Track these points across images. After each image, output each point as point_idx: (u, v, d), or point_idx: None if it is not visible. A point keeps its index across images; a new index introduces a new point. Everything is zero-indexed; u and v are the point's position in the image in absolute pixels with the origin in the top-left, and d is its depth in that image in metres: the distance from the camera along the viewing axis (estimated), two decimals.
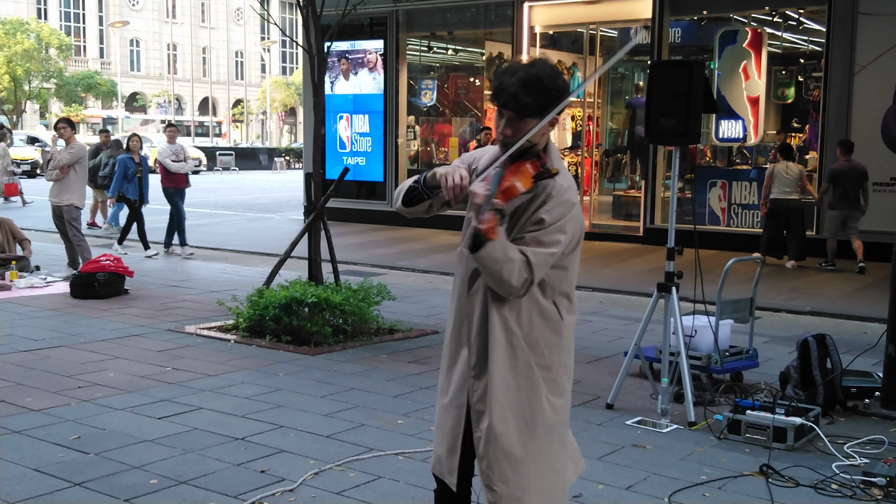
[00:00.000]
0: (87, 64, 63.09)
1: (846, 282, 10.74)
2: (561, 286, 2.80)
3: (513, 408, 2.76)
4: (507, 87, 2.69)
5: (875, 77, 12.24)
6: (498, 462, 2.74)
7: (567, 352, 2.87)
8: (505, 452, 2.74)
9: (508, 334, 2.74)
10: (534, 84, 2.67)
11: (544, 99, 2.67)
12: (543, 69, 2.70)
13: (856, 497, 4.23)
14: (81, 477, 4.35)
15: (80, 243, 10.32)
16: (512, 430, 2.75)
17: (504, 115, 2.73)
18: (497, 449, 2.74)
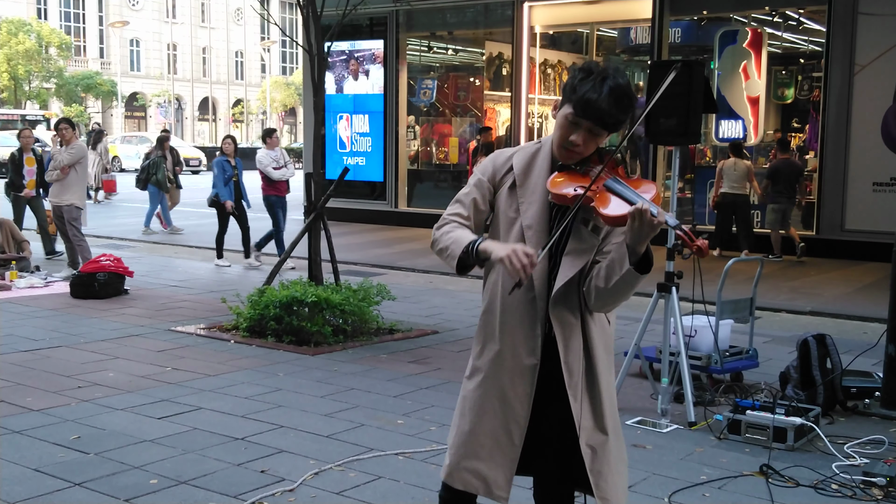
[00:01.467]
0: (87, 64, 63.08)
1: (846, 282, 10.74)
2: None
3: (616, 419, 2.75)
4: (597, 100, 2.47)
5: (875, 77, 12.23)
6: (612, 473, 2.67)
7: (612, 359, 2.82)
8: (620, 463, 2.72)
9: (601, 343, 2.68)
10: (623, 98, 2.50)
11: (628, 114, 2.55)
12: (626, 81, 2.53)
13: (856, 497, 4.23)
14: (81, 477, 4.35)
15: (80, 243, 10.32)
16: (620, 440, 2.75)
17: (583, 125, 2.52)
18: (612, 459, 2.68)
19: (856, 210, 12.52)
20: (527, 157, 2.68)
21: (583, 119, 2.51)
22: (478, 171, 2.75)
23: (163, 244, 14.19)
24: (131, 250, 13.01)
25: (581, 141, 2.54)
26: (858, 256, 12.08)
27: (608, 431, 2.67)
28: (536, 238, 2.59)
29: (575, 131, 2.54)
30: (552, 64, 17.72)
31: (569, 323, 2.61)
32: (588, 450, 2.64)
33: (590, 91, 2.49)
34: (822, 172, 12.89)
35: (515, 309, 2.65)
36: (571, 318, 2.62)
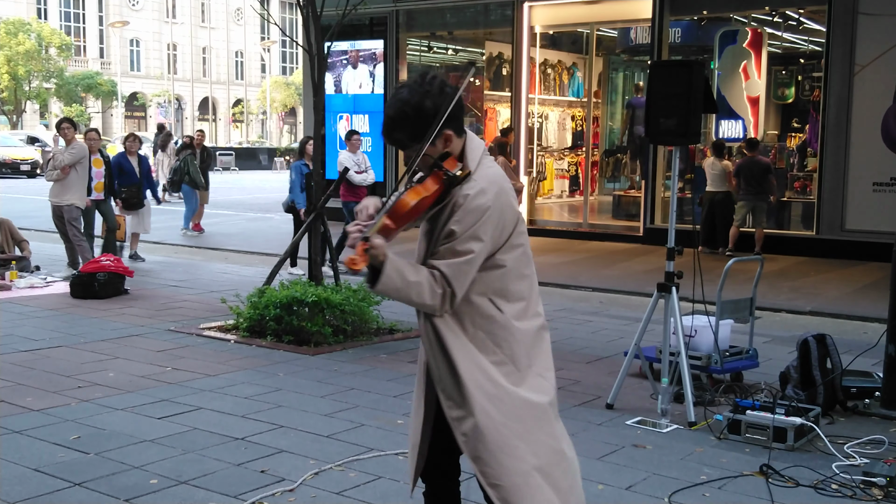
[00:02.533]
0: (88, 64, 63.09)
1: (846, 282, 10.74)
2: (497, 284, 2.76)
3: (491, 400, 2.72)
4: (383, 121, 2.76)
5: (875, 77, 12.23)
6: (492, 456, 2.71)
7: (522, 343, 2.79)
8: (497, 445, 2.71)
9: (456, 338, 2.74)
10: (404, 118, 2.69)
11: (413, 129, 2.69)
12: (410, 96, 2.69)
13: (856, 497, 4.23)
14: (81, 477, 4.35)
15: (81, 243, 10.33)
16: (496, 422, 2.72)
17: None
18: (487, 443, 2.71)
19: (856, 210, 12.52)
20: None
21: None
22: None
23: (163, 244, 14.19)
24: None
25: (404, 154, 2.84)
26: (858, 256, 12.09)
27: (476, 414, 2.70)
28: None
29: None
30: (552, 64, 17.71)
31: (422, 325, 2.81)
32: (462, 437, 2.74)
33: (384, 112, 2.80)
34: (822, 172, 12.89)
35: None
36: (422, 321, 2.80)
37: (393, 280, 2.64)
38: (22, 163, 32.06)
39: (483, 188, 2.69)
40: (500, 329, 2.76)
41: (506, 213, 2.73)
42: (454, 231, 2.66)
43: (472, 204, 2.66)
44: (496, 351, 2.76)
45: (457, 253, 2.66)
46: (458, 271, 2.66)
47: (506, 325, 2.77)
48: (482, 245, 2.67)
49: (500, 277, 2.76)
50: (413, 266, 2.70)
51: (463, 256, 2.66)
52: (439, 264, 2.67)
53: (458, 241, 2.66)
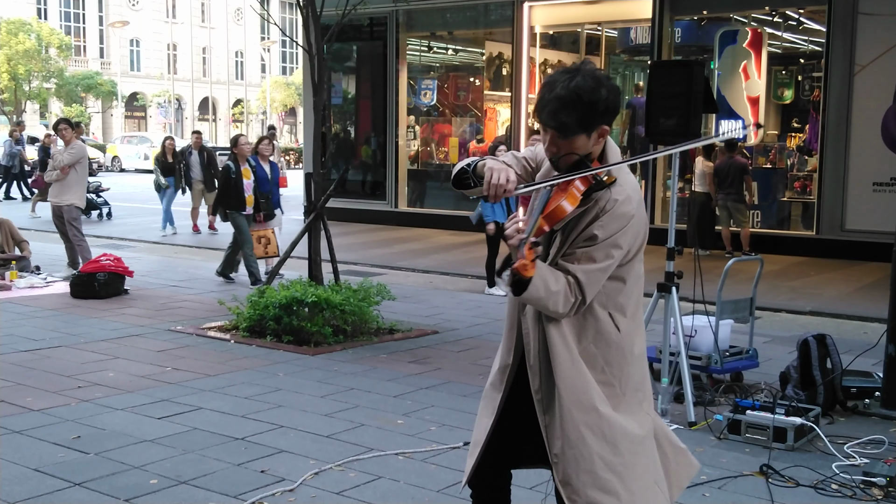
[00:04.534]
0: (88, 64, 63.06)
1: (846, 282, 10.74)
2: (617, 297, 2.65)
3: (590, 425, 2.60)
4: (546, 105, 2.55)
5: (875, 77, 12.23)
6: (583, 484, 2.58)
7: (632, 365, 2.69)
8: (590, 473, 2.58)
9: (568, 350, 2.61)
10: (573, 100, 2.51)
11: (585, 115, 2.53)
12: (584, 81, 2.53)
13: (856, 497, 4.23)
14: (81, 477, 4.35)
15: (80, 243, 10.32)
16: (592, 448, 2.59)
17: (548, 131, 2.59)
18: (580, 470, 2.58)
19: (856, 210, 12.53)
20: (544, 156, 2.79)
21: (539, 122, 2.62)
22: (525, 151, 2.88)
23: (163, 244, 14.19)
24: (131, 250, 13.01)
25: (554, 148, 2.62)
26: (858, 256, 12.09)
27: (574, 440, 2.58)
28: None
29: (544, 136, 2.64)
30: (552, 64, 17.69)
31: (532, 325, 2.68)
32: (553, 457, 2.63)
33: (543, 95, 2.59)
34: (822, 172, 12.89)
35: (509, 310, 2.81)
36: (534, 321, 2.68)
37: (538, 290, 2.49)
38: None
39: (629, 195, 2.59)
40: (614, 348, 2.65)
41: (641, 225, 2.64)
42: (596, 236, 2.55)
43: (619, 210, 2.55)
44: (605, 370, 2.64)
45: (594, 259, 2.55)
46: (593, 279, 2.55)
47: (620, 344, 2.66)
48: (620, 253, 2.58)
49: (620, 292, 2.66)
50: (553, 273, 2.55)
51: (600, 263, 2.55)
52: (575, 270, 2.54)
53: (598, 246, 2.54)
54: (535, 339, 2.65)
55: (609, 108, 2.57)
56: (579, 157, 2.58)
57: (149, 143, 38.58)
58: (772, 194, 14.06)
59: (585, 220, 2.58)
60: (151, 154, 33.54)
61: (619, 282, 2.65)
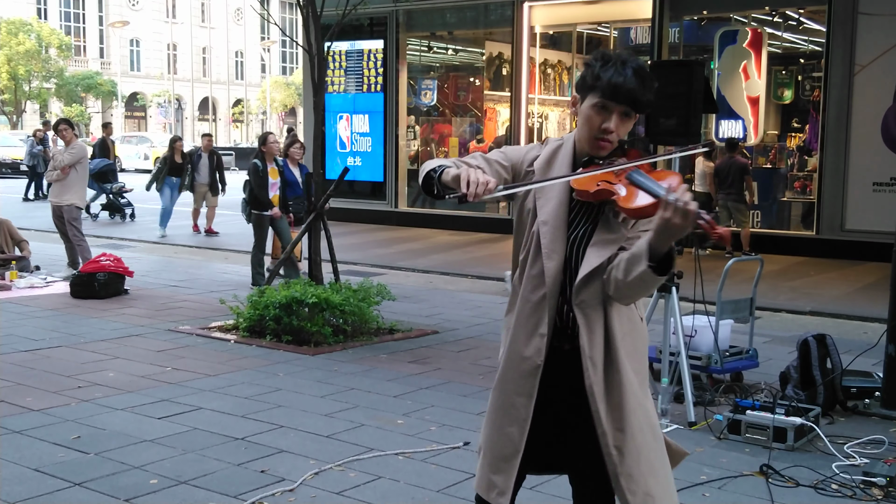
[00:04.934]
0: (88, 64, 63.08)
1: (846, 282, 10.75)
2: None
3: (646, 415, 2.58)
4: (624, 81, 2.46)
5: (875, 77, 12.23)
6: (643, 474, 2.54)
7: (645, 356, 2.69)
8: (648, 463, 2.55)
9: (624, 341, 2.55)
10: (647, 77, 2.49)
11: (653, 94, 2.52)
12: (644, 62, 2.54)
13: (856, 497, 4.23)
14: (81, 477, 4.35)
15: (80, 243, 10.33)
16: (648, 438, 2.57)
17: (613, 110, 2.49)
18: (641, 461, 2.54)
19: (856, 210, 12.53)
20: (549, 153, 2.65)
21: (613, 103, 2.48)
22: (505, 149, 2.72)
23: (163, 244, 14.20)
24: (131, 250, 13.01)
25: (615, 126, 2.51)
26: (858, 256, 12.09)
27: (634, 430, 2.54)
28: (552, 234, 2.56)
29: (606, 118, 2.50)
30: (552, 64, 17.72)
31: (592, 315, 2.53)
32: (614, 451, 2.53)
33: (615, 75, 2.47)
34: (822, 172, 12.89)
35: (524, 308, 2.61)
36: (595, 311, 2.53)
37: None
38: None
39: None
40: (638, 337, 2.62)
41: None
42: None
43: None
44: (635, 358, 2.61)
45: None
46: None
47: (642, 333, 2.64)
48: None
49: None
50: None
51: None
52: None
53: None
54: (599, 327, 2.54)
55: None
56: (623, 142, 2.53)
57: (148, 143, 38.57)
58: (772, 194, 14.06)
59: None
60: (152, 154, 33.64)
61: None
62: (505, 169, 2.65)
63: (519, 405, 2.61)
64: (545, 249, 2.55)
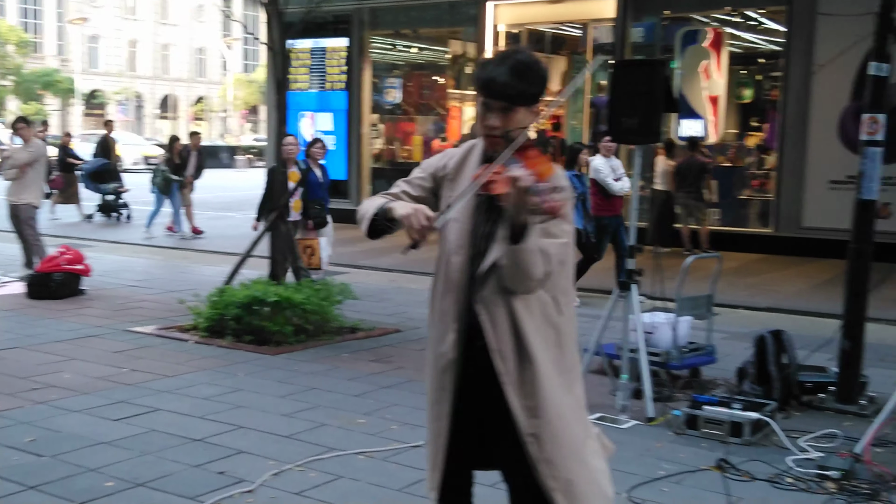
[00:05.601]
0: (46, 61, 62.13)
1: (803, 278, 10.90)
2: (560, 280, 2.66)
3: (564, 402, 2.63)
4: (497, 77, 2.54)
5: (833, 77, 12.42)
6: (563, 459, 2.61)
7: (569, 347, 2.73)
8: (569, 448, 2.62)
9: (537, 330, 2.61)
10: (525, 71, 2.55)
11: (536, 85, 2.57)
12: (529, 56, 2.59)
13: (810, 490, 4.30)
14: (36, 480, 4.29)
15: (36, 242, 10.16)
16: (568, 424, 2.63)
17: (493, 106, 2.57)
18: (561, 446, 2.61)
19: (813, 207, 12.72)
20: (462, 154, 2.74)
21: (490, 99, 2.56)
22: (422, 164, 2.83)
23: (121, 244, 14.02)
24: (90, 250, 12.82)
25: (497, 122, 2.58)
26: (815, 253, 12.27)
27: (551, 416, 2.60)
28: (458, 231, 2.65)
29: (488, 114, 2.58)
30: None
31: (495, 308, 2.60)
32: (531, 438, 2.61)
33: (489, 72, 2.56)
34: (781, 171, 13.08)
35: (438, 306, 2.73)
36: (498, 303, 2.60)
37: (534, 241, 2.45)
38: None
39: (560, 173, 2.62)
40: (555, 330, 2.67)
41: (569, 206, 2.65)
42: None
43: (563, 184, 2.58)
44: (556, 351, 2.67)
45: (551, 234, 2.53)
46: (557, 252, 2.54)
47: (560, 326, 2.68)
48: (571, 229, 2.60)
49: (562, 274, 2.65)
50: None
51: (560, 238, 2.55)
52: (542, 242, 2.51)
53: (554, 221, 2.52)
54: (503, 320, 2.60)
55: (546, 85, 2.61)
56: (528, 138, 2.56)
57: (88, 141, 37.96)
58: (731, 192, 14.22)
59: None
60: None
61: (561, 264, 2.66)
62: (425, 180, 2.77)
63: (441, 400, 2.73)
64: (452, 245, 2.67)
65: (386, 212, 2.60)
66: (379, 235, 2.66)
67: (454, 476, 2.82)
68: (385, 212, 2.61)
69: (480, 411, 2.71)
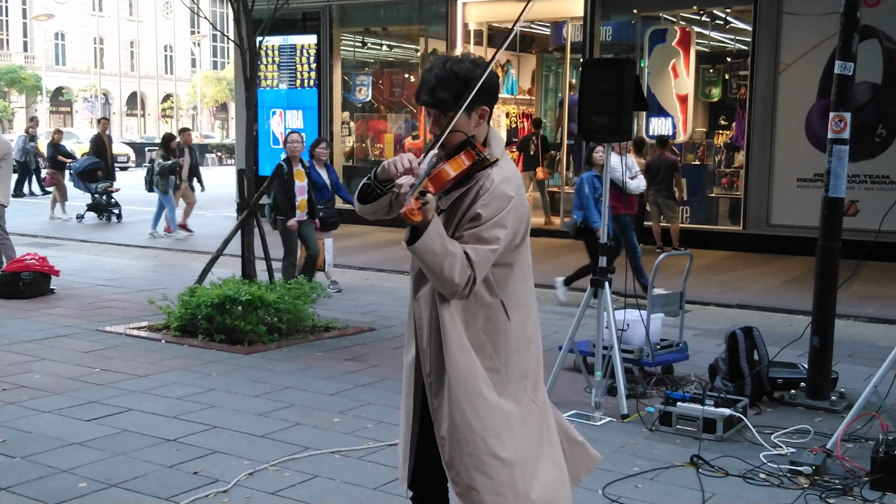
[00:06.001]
0: (11, 58, 61.22)
1: (772, 275, 11.03)
2: (507, 284, 2.72)
3: (475, 410, 2.67)
4: (424, 84, 2.68)
5: (799, 76, 12.58)
6: (465, 467, 2.66)
7: (519, 353, 2.76)
8: (472, 457, 2.66)
9: (458, 336, 2.67)
10: (450, 78, 2.64)
11: (461, 92, 2.63)
12: (461, 63, 2.67)
13: (783, 486, 4.35)
14: (7, 482, 4.23)
15: (4, 241, 10.00)
16: (476, 433, 2.66)
17: (430, 112, 2.70)
18: (463, 453, 2.66)
19: (781, 205, 12.86)
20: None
21: (422, 105, 2.71)
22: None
23: (90, 242, 13.86)
24: (58, 249, 12.68)
25: (430, 123, 2.74)
26: (784, 251, 12.42)
27: (458, 423, 2.66)
28: None
29: (427, 118, 2.76)
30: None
31: (427, 310, 2.73)
32: (441, 440, 2.71)
33: (423, 77, 2.73)
34: (749, 169, 13.21)
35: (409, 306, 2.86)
36: (429, 305, 2.72)
37: (434, 242, 2.50)
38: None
39: (508, 177, 2.67)
40: (502, 335, 2.72)
41: (522, 209, 2.71)
42: (480, 215, 2.60)
43: (499, 189, 2.62)
44: (493, 357, 2.72)
45: (482, 239, 2.59)
46: (484, 258, 2.59)
47: (508, 331, 2.72)
48: (506, 234, 2.63)
49: (508, 278, 2.72)
50: (451, 239, 2.58)
51: (488, 244, 2.59)
52: (466, 248, 2.58)
53: (484, 226, 2.59)
54: (427, 322, 2.72)
55: (485, 88, 2.67)
56: (465, 136, 2.67)
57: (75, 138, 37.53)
58: (700, 190, 14.35)
59: (468, 201, 2.65)
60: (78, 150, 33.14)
61: (507, 267, 2.72)
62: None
63: (407, 395, 2.88)
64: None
65: (377, 174, 2.72)
66: (370, 200, 2.78)
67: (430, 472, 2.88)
68: (375, 172, 2.73)
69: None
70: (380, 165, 2.70)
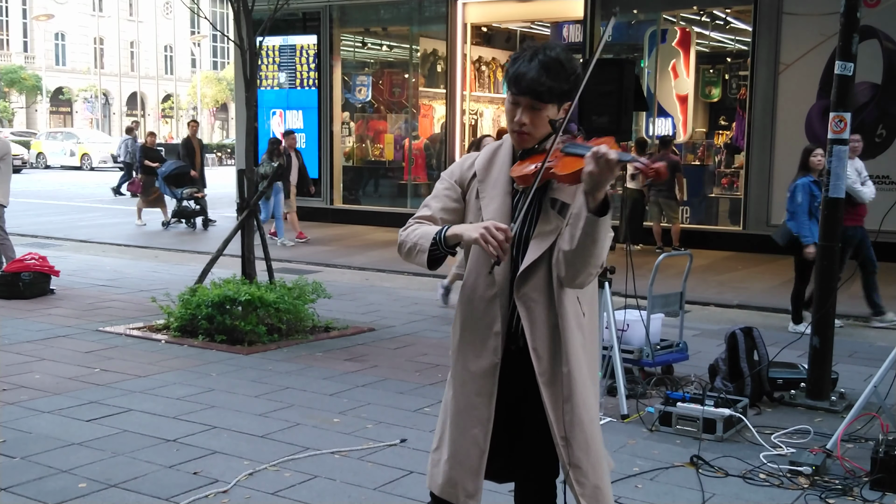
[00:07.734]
0: (11, 58, 61.23)
1: (772, 275, 11.02)
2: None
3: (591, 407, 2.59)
4: (526, 73, 2.49)
5: (799, 76, 12.58)
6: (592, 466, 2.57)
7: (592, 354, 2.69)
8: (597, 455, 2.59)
9: (580, 331, 2.56)
10: (555, 67, 2.50)
11: (566, 82, 2.52)
12: (561, 52, 2.54)
13: (783, 486, 4.35)
14: (7, 482, 4.23)
15: (4, 242, 10.00)
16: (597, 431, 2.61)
17: (521, 102, 2.52)
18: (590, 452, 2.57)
19: (781, 206, 12.75)
20: (488, 154, 2.68)
21: (519, 96, 2.52)
22: (444, 175, 2.74)
23: (89, 242, 13.85)
24: (57, 249, 12.68)
25: (526, 119, 2.53)
26: (784, 251, 12.37)
27: (583, 421, 2.56)
28: None
29: (517, 111, 2.54)
30: (486, 61, 17.79)
31: (535, 307, 2.55)
32: (562, 441, 2.55)
33: (520, 66, 2.52)
34: (749, 169, 13.20)
35: (476, 307, 2.62)
36: (538, 302, 2.54)
37: (609, 220, 2.37)
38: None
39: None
40: (589, 331, 2.63)
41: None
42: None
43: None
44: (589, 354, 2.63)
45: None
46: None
47: (591, 328, 2.65)
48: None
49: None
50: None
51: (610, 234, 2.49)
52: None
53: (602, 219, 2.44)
54: (542, 320, 2.55)
55: (576, 82, 2.54)
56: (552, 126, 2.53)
57: (75, 139, 37.50)
58: (700, 190, 14.36)
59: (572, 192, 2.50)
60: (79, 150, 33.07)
61: None
62: (451, 189, 2.68)
63: (480, 405, 2.62)
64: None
65: (447, 239, 2.49)
66: (439, 264, 2.56)
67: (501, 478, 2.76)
68: (446, 239, 2.49)
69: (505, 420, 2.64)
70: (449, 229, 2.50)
